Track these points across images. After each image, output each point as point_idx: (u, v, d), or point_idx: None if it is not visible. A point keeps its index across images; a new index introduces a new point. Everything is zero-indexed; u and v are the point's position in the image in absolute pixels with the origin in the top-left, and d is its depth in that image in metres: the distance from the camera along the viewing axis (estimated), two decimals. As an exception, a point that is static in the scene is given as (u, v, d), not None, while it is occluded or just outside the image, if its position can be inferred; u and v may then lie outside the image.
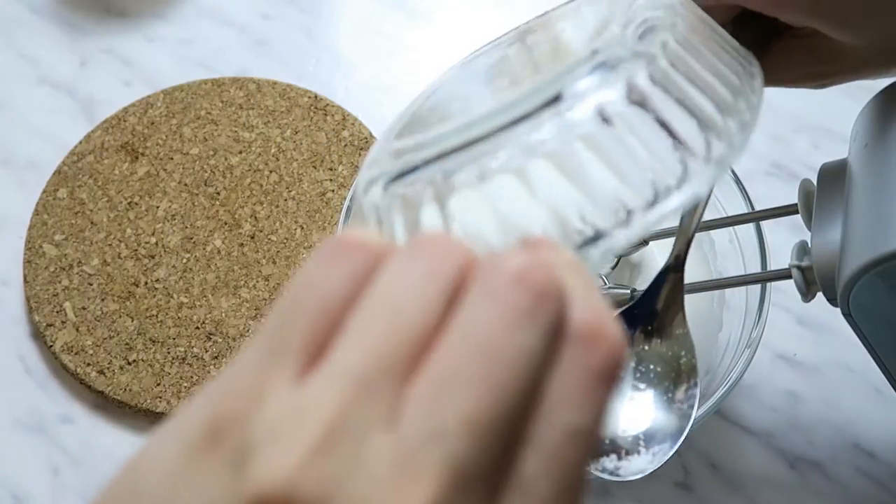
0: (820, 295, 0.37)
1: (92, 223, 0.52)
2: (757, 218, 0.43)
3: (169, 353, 0.48)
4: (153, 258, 0.51)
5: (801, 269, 0.37)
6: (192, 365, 0.48)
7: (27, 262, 0.51)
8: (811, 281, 0.37)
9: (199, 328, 0.49)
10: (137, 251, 0.51)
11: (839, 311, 0.35)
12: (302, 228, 0.52)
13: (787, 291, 0.42)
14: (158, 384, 0.47)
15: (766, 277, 0.42)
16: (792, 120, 0.57)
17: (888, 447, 0.46)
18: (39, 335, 0.49)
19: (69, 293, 0.50)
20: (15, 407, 0.48)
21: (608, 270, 0.46)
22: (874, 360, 0.38)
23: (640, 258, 0.47)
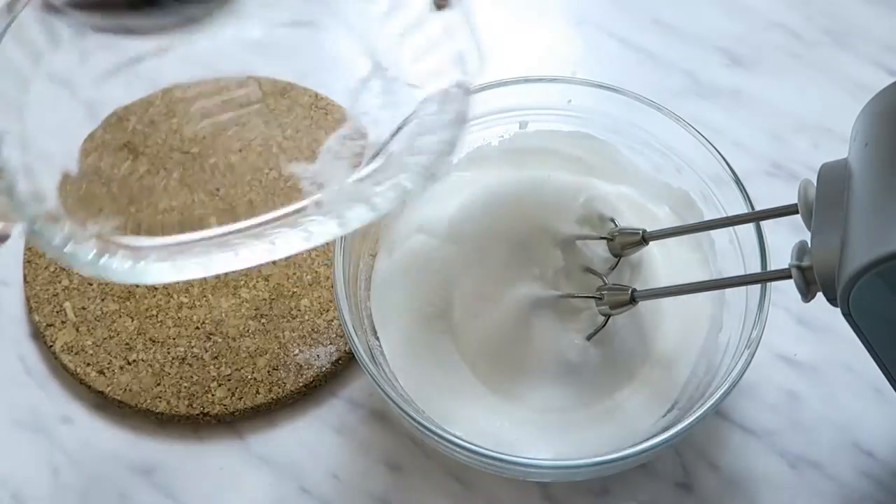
0: (820, 295, 0.37)
1: (92, 223, 0.52)
2: (757, 218, 0.43)
3: (169, 353, 0.48)
4: (153, 258, 0.51)
5: (801, 269, 0.37)
6: (192, 365, 0.48)
7: (27, 262, 0.51)
8: (811, 281, 0.37)
9: (199, 328, 0.49)
10: (137, 251, 0.51)
11: (839, 311, 0.35)
12: (302, 228, 0.52)
13: (787, 291, 0.42)
14: (158, 384, 0.47)
15: (766, 277, 0.42)
16: (792, 120, 0.57)
17: (888, 447, 0.46)
18: (39, 335, 0.49)
19: (69, 293, 0.50)
20: (15, 407, 0.48)
21: (608, 270, 0.46)
22: (874, 360, 0.38)
23: (639, 258, 0.47)
